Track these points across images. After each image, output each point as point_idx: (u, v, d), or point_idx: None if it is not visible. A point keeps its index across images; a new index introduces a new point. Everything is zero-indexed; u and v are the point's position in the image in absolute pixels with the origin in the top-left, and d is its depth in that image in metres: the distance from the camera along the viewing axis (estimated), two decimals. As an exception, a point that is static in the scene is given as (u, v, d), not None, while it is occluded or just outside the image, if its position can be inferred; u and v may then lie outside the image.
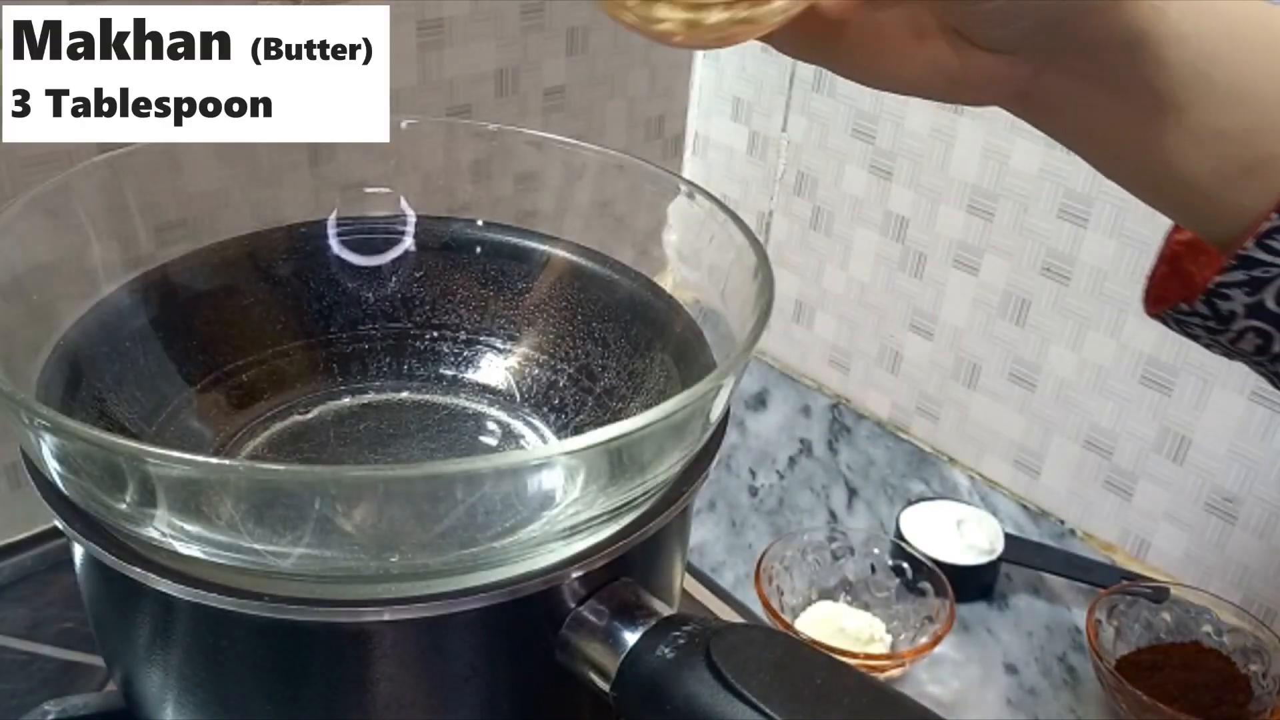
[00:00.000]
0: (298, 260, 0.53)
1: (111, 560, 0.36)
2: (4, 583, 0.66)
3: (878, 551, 0.74)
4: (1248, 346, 0.37)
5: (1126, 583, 0.72)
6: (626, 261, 0.52)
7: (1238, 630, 0.68)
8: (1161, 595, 0.70)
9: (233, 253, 0.52)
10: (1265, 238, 0.34)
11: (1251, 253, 0.34)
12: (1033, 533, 0.82)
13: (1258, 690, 0.66)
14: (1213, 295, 0.36)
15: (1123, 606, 0.70)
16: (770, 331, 0.91)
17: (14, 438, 0.38)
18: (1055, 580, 0.77)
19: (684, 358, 0.48)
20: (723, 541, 0.81)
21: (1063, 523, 0.83)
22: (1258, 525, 0.73)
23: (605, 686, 0.37)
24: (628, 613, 0.37)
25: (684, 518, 0.43)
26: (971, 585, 0.75)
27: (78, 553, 0.40)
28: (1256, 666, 0.67)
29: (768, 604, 0.69)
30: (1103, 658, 0.66)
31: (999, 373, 0.84)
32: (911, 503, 0.81)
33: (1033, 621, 0.75)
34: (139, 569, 0.35)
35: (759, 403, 0.96)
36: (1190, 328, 0.38)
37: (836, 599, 0.74)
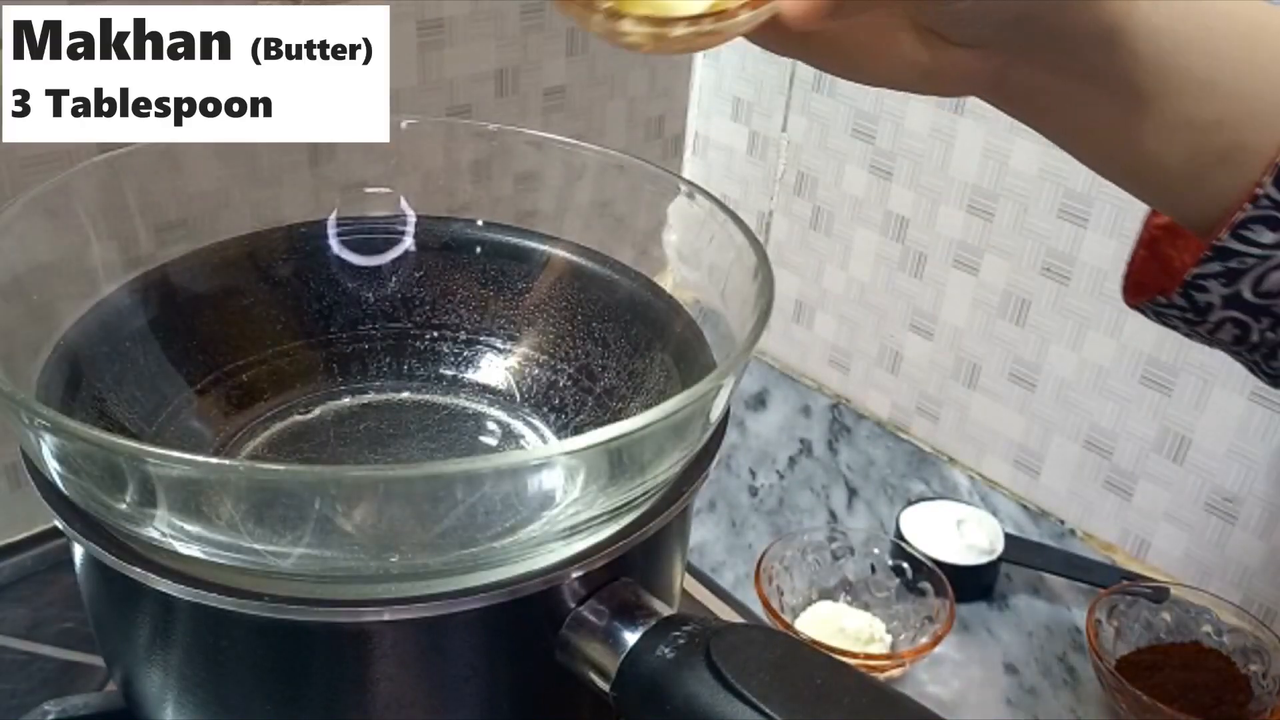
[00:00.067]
0: (298, 260, 0.53)
1: (111, 560, 0.36)
2: (4, 583, 0.66)
3: (878, 551, 0.74)
4: (1226, 337, 0.37)
5: (1126, 583, 0.72)
6: (626, 261, 0.52)
7: (1238, 630, 0.68)
8: (1161, 595, 0.70)
9: (233, 253, 0.52)
10: (1240, 228, 0.34)
11: (1227, 244, 0.34)
12: (1033, 533, 0.82)
13: (1258, 690, 0.66)
14: (1190, 287, 0.36)
15: (1123, 606, 0.70)
16: (770, 331, 0.91)
17: (14, 438, 0.38)
18: (1055, 580, 0.77)
19: (684, 358, 0.48)
20: (723, 541, 0.81)
21: (1063, 523, 0.83)
22: (1258, 525, 0.73)
23: (605, 686, 0.37)
24: (628, 613, 0.37)
25: (684, 518, 0.43)
26: (971, 585, 0.75)
27: (78, 553, 0.40)
28: (1256, 666, 0.67)
29: (768, 604, 0.69)
30: (1103, 658, 0.66)
31: (999, 373, 0.84)
32: (911, 503, 0.81)
33: (1033, 621, 0.75)
34: (139, 569, 0.35)
35: (759, 403, 0.96)
36: (1168, 319, 0.38)
37: (836, 599, 0.74)
